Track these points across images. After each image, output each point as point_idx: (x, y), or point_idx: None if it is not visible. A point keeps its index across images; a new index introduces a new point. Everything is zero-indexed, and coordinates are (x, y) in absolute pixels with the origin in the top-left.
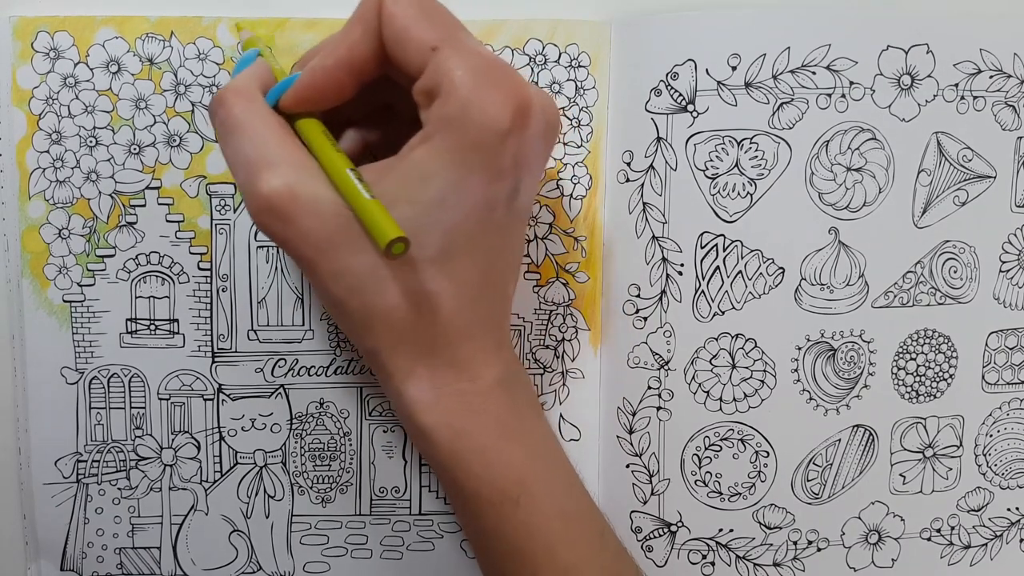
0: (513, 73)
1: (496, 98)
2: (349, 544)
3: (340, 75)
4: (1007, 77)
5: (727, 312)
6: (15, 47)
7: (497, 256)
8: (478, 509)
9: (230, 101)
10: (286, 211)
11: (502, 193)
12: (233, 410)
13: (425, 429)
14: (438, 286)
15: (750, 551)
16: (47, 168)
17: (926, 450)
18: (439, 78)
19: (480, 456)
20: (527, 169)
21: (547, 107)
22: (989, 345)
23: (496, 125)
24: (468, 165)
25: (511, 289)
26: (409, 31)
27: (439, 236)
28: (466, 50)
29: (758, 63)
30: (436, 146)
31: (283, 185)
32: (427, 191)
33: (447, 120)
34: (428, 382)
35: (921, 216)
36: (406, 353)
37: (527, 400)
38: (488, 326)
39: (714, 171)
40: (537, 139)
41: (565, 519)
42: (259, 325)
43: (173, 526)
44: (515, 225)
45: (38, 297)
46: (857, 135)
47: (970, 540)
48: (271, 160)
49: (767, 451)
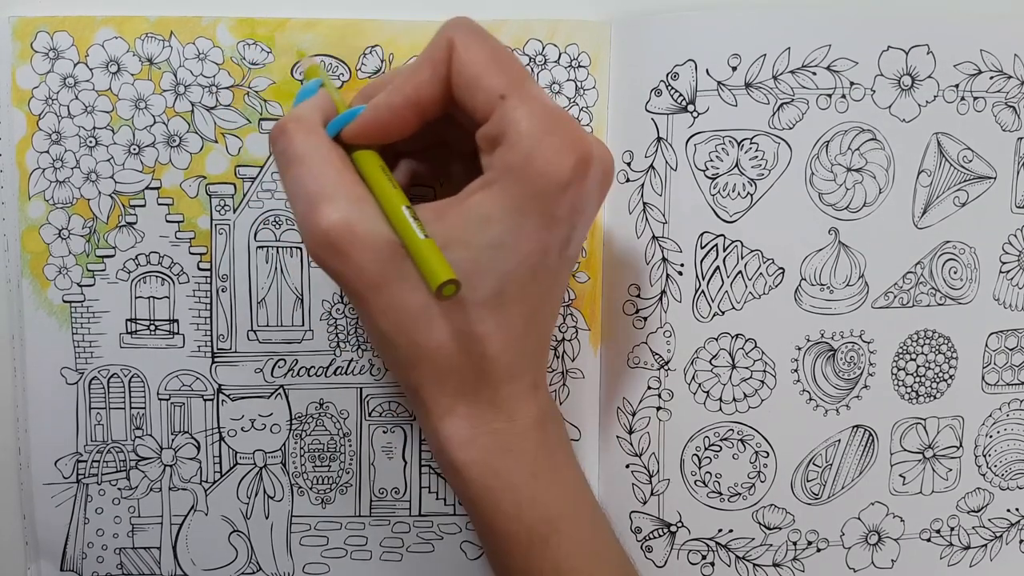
0: (575, 124)
1: (559, 149)
2: (349, 545)
3: (406, 113)
4: (1007, 78)
5: (727, 312)
6: (15, 47)
7: (544, 300)
8: (508, 548)
9: (291, 131)
10: (343, 245)
11: (556, 241)
12: (233, 410)
13: (459, 466)
14: (487, 328)
15: (750, 551)
16: (47, 168)
17: (926, 451)
18: (505, 126)
19: (513, 495)
20: (582, 217)
21: (604, 158)
22: (989, 346)
23: (558, 176)
24: (527, 213)
25: (551, 330)
26: (480, 79)
27: (493, 280)
28: (533, 100)
29: (758, 63)
30: (497, 192)
31: (341, 219)
32: (485, 235)
33: (510, 168)
34: (466, 420)
35: (921, 217)
36: (448, 391)
37: (559, 440)
38: (529, 367)
39: (714, 171)
40: (594, 189)
41: (593, 559)
42: (259, 325)
43: (173, 526)
44: (564, 271)
45: (38, 297)
46: (857, 135)
47: (970, 541)
48: (330, 194)
49: (767, 451)
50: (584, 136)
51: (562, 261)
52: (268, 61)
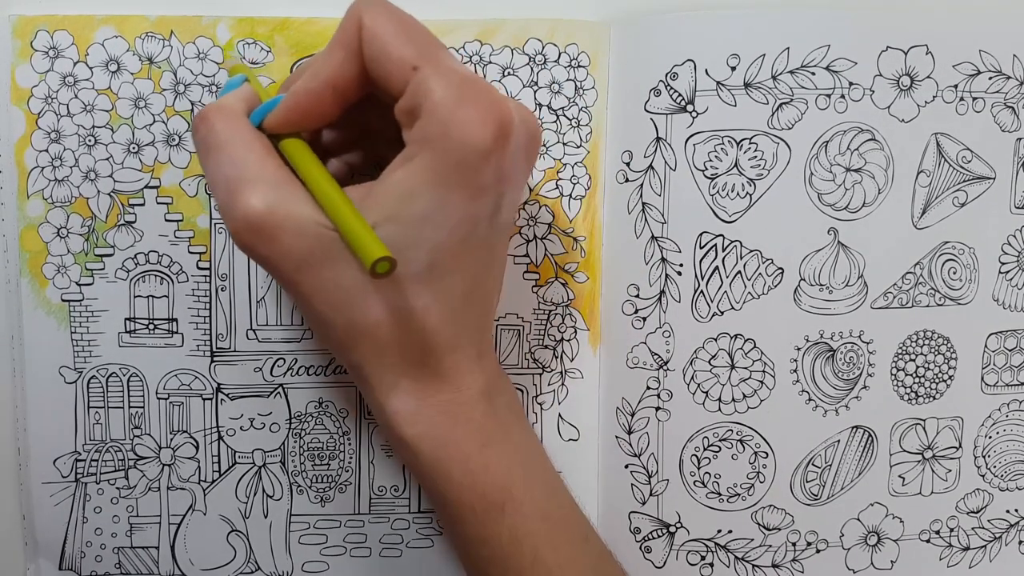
0: (492, 90)
1: (476, 116)
2: (348, 543)
3: (324, 96)
4: (1006, 78)
5: (726, 312)
6: (14, 46)
7: (481, 269)
8: (462, 517)
9: (212, 118)
10: (266, 230)
11: (485, 209)
12: (232, 409)
13: (408, 440)
14: (423, 302)
15: (749, 552)
16: (46, 167)
17: (925, 451)
18: (419, 98)
19: (463, 464)
20: (509, 184)
21: (528, 121)
22: (988, 346)
23: (477, 143)
24: (450, 184)
25: (495, 300)
26: (388, 51)
27: (424, 253)
28: (445, 69)
29: (757, 63)
30: (418, 166)
31: (263, 204)
32: (411, 209)
33: (428, 140)
34: (411, 394)
35: (920, 217)
36: (390, 367)
37: (509, 407)
38: (472, 337)
39: (713, 171)
40: (518, 154)
41: (549, 523)
42: (258, 324)
43: (171, 526)
44: (498, 239)
45: (36, 296)
46: (856, 136)
47: (969, 542)
48: (251, 178)
49: (766, 452)
50: (503, 101)
51: (494, 229)
52: (268, 60)
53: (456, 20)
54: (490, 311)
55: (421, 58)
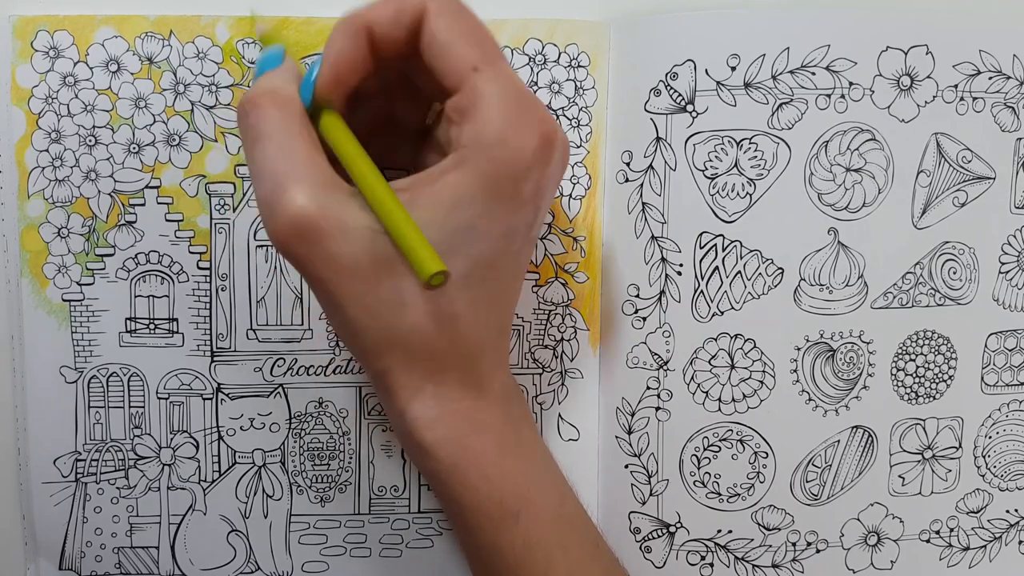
0: (542, 105)
1: (529, 129)
2: (348, 543)
3: (361, 43)
4: (1006, 78)
5: (726, 312)
6: (15, 46)
7: (510, 281)
8: (478, 524)
9: (265, 105)
10: (312, 232)
11: (524, 222)
12: (232, 409)
13: (427, 445)
14: (457, 309)
15: (749, 552)
16: (46, 167)
17: (925, 451)
18: (476, 99)
19: (482, 470)
20: (545, 199)
21: (564, 140)
22: (988, 346)
23: (527, 155)
24: (500, 194)
25: (514, 308)
26: (454, 46)
27: (463, 261)
28: (505, 77)
29: (757, 63)
30: (469, 173)
31: (313, 204)
32: (457, 218)
33: (482, 145)
34: (433, 399)
35: (920, 217)
36: (417, 373)
37: (522, 414)
38: (494, 345)
39: (713, 171)
40: (557, 171)
41: (562, 530)
42: (258, 324)
43: (171, 526)
44: (527, 251)
45: (37, 296)
46: (856, 136)
47: (969, 542)
48: (301, 177)
49: (766, 452)
50: (549, 117)
51: (526, 242)
52: None
53: None
54: (510, 319)
55: (484, 61)
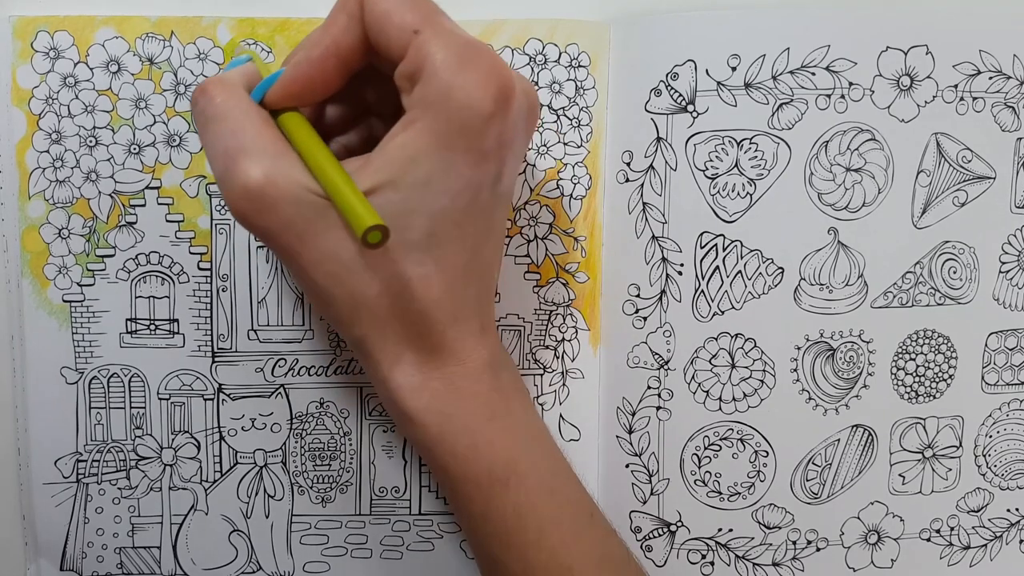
0: (494, 55)
1: (478, 80)
2: (349, 544)
3: (326, 66)
4: (1006, 78)
5: (727, 312)
6: (15, 47)
7: (482, 239)
8: (467, 491)
9: (211, 90)
10: (265, 200)
11: (487, 176)
12: (233, 410)
13: (412, 414)
14: (425, 270)
15: (749, 551)
16: (47, 168)
17: (925, 450)
18: (420, 61)
19: (468, 438)
20: (510, 151)
21: (528, 90)
22: (989, 346)
23: (480, 107)
24: (454, 147)
25: (496, 272)
26: (390, 15)
27: (425, 220)
28: (447, 32)
29: (758, 63)
30: (420, 129)
31: (261, 174)
32: (413, 174)
33: (430, 103)
34: (415, 367)
35: (920, 216)
36: (393, 339)
37: (513, 383)
38: (474, 310)
39: (714, 171)
40: (520, 121)
41: (554, 500)
42: (259, 325)
43: (173, 526)
44: (499, 208)
45: (38, 297)
46: (856, 135)
47: (969, 541)
48: (248, 149)
49: (766, 451)
50: (504, 66)
51: (495, 198)
52: (269, 61)
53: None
54: (491, 284)
55: (423, 22)
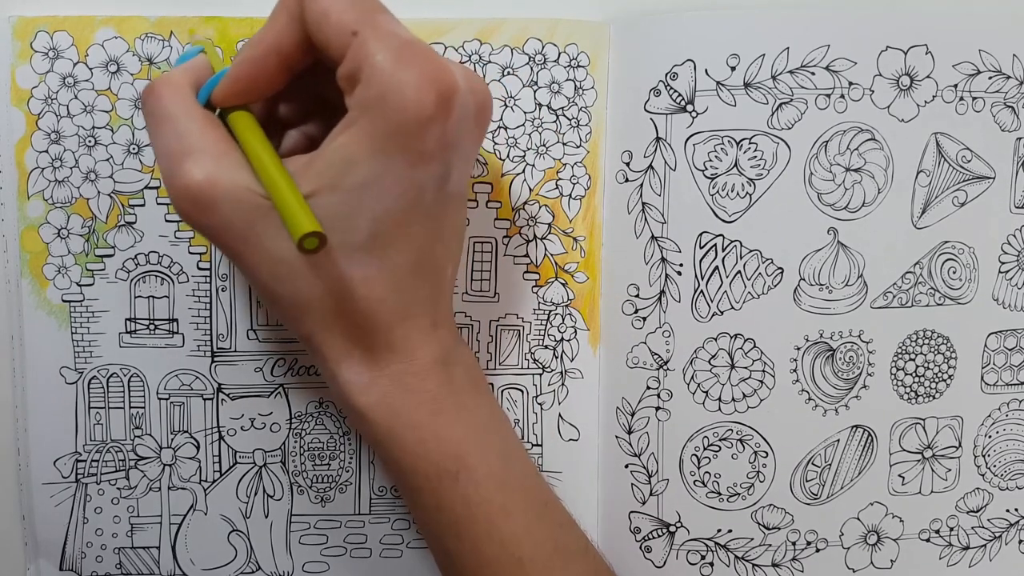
0: (435, 55)
1: (416, 81)
2: (348, 543)
3: (268, 64)
4: (1006, 78)
5: (726, 312)
6: (14, 47)
7: (431, 239)
8: (416, 485)
9: (158, 91)
10: (206, 200)
11: (430, 177)
12: (232, 409)
13: (361, 409)
14: (368, 271)
15: (749, 551)
16: (46, 168)
17: (925, 451)
18: (359, 63)
19: (415, 433)
20: (455, 152)
21: (476, 88)
22: (988, 346)
23: (416, 108)
24: (390, 150)
25: (450, 271)
26: (329, 15)
27: (367, 222)
28: (385, 33)
29: (757, 63)
30: (357, 132)
31: (202, 174)
32: (351, 177)
33: (367, 106)
34: (363, 364)
35: (920, 216)
36: (340, 337)
37: (467, 376)
38: (425, 308)
39: (713, 171)
40: (465, 122)
41: (505, 491)
42: (258, 324)
43: (172, 526)
44: (449, 208)
45: (37, 297)
46: (856, 135)
47: (969, 541)
48: (191, 150)
49: (766, 451)
50: (446, 67)
51: (444, 198)
52: None
53: (456, 19)
54: (443, 281)
55: (361, 22)
